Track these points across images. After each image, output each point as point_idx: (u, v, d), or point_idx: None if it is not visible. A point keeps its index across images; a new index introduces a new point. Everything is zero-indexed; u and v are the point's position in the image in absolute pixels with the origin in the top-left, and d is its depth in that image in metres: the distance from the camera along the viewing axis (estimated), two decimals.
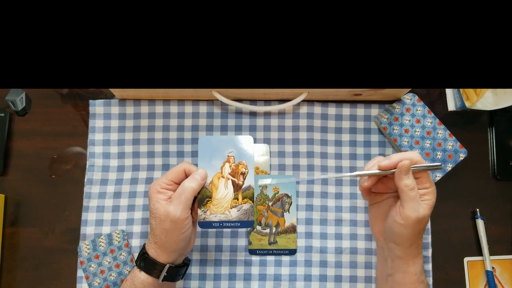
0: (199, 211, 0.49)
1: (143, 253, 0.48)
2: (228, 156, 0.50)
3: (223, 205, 0.49)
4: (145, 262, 0.47)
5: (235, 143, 0.50)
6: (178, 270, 0.49)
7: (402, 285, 0.47)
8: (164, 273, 0.47)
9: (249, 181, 0.50)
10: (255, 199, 0.59)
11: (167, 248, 0.47)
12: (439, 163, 0.47)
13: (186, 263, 0.52)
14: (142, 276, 0.47)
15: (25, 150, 0.61)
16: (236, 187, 0.50)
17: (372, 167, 0.48)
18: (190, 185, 0.46)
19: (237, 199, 0.49)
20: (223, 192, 0.49)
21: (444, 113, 0.63)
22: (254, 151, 0.54)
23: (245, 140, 0.51)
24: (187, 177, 0.48)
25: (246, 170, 0.50)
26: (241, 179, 0.50)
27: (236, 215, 0.49)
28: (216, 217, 0.49)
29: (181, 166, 0.49)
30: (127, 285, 0.48)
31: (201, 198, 0.49)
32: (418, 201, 0.45)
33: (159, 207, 0.46)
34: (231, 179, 0.50)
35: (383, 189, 0.49)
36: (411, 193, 0.45)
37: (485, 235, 0.59)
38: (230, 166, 0.50)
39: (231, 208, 0.49)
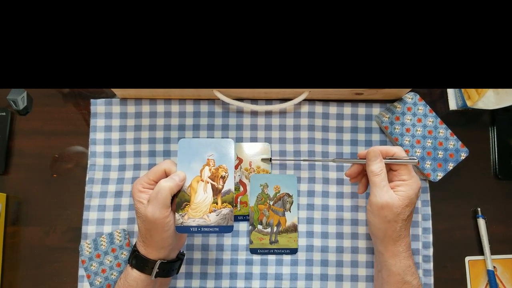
0: (177, 215, 0.47)
1: (134, 250, 0.48)
2: (208, 159, 0.49)
3: (202, 209, 0.48)
4: (136, 259, 0.48)
5: (215, 146, 0.49)
6: (171, 266, 0.49)
7: (388, 284, 0.49)
8: (156, 269, 0.47)
9: (229, 185, 0.48)
10: (256, 198, 0.59)
11: (155, 245, 0.47)
12: (416, 159, 0.50)
13: (180, 257, 0.52)
14: (134, 273, 0.47)
15: (26, 149, 0.61)
16: (216, 191, 0.48)
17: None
18: (167, 184, 0.45)
19: (216, 204, 0.48)
20: (202, 196, 0.48)
21: (445, 112, 0.63)
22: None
23: (225, 144, 0.49)
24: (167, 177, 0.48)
25: (226, 174, 0.49)
26: (221, 183, 0.48)
27: (215, 220, 0.48)
28: (194, 222, 0.47)
29: (162, 165, 0.48)
30: (121, 284, 0.48)
31: (179, 202, 0.48)
32: (383, 188, 0.48)
33: (140, 206, 0.46)
34: (211, 183, 0.48)
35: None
36: (374, 179, 0.48)
37: (486, 234, 0.59)
38: (210, 170, 0.49)
39: (210, 213, 0.48)
